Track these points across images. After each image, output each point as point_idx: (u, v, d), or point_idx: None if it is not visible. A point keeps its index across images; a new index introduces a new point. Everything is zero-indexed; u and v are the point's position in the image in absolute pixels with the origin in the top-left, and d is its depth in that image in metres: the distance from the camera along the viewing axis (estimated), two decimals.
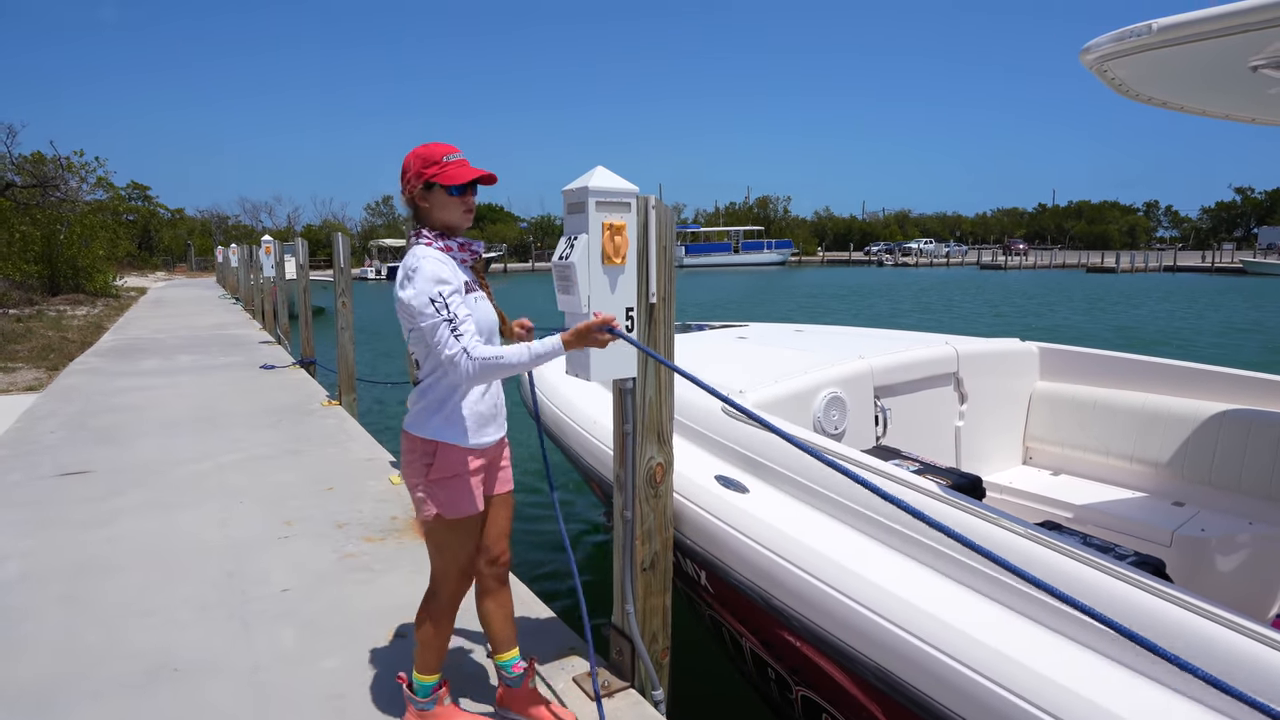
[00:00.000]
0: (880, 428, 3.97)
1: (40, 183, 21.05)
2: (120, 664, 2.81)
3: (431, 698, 2.31)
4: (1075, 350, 4.41)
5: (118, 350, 11.70)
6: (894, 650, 2.02)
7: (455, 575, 2.25)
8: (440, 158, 2.13)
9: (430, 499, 2.16)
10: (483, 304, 2.17)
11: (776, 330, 5.39)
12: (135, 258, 46.64)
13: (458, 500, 2.16)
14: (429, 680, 2.31)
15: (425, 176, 2.12)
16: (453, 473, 2.15)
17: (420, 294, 2.01)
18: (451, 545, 2.22)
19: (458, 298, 2.04)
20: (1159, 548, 3.41)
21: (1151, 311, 24.31)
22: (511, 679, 2.41)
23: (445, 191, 2.13)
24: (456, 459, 2.15)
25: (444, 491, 2.15)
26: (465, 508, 2.18)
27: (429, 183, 2.12)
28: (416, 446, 2.16)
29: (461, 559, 2.24)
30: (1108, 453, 4.09)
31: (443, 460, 2.14)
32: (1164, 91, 2.63)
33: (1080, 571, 1.91)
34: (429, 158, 2.12)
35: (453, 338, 2.00)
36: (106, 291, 24.79)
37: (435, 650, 2.29)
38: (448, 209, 2.15)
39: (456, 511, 2.17)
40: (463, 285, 2.10)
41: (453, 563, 2.23)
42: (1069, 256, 67.48)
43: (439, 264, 2.06)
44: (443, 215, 2.15)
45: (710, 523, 2.62)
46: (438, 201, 2.14)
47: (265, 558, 3.75)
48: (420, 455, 2.15)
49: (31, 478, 5.11)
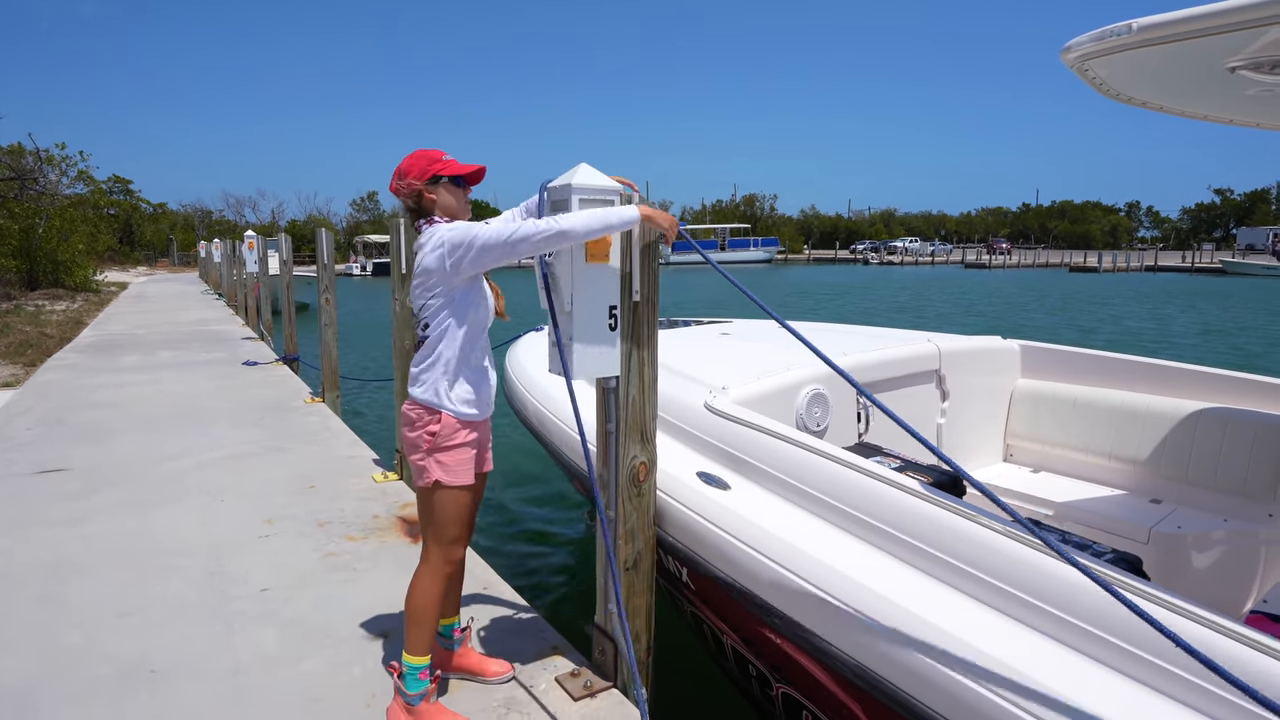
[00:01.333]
0: (863, 425, 3.99)
1: (18, 175, 20.73)
2: (98, 665, 2.77)
3: (420, 691, 2.31)
4: (1056, 348, 4.45)
5: (97, 346, 11.55)
6: (872, 647, 2.03)
7: (448, 542, 2.36)
8: (440, 156, 2.36)
9: (431, 466, 2.28)
10: (479, 284, 2.33)
11: (760, 327, 5.41)
12: (116, 252, 46.07)
13: (457, 468, 2.30)
14: (419, 662, 2.32)
15: (432, 171, 2.32)
16: (455, 441, 2.29)
17: (466, 231, 2.19)
18: (448, 512, 2.33)
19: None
20: (1137, 545, 3.45)
21: (1129, 310, 24.57)
22: (452, 642, 2.60)
23: (452, 182, 2.33)
24: (458, 428, 2.30)
25: (446, 458, 2.28)
26: (464, 476, 2.32)
27: (436, 176, 2.31)
28: (422, 414, 2.29)
29: (456, 526, 2.36)
30: (1087, 450, 4.13)
31: (446, 429, 2.28)
32: (1143, 91, 2.65)
33: (1059, 569, 1.93)
34: (432, 156, 2.35)
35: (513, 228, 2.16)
36: (86, 286, 24.48)
37: (427, 628, 2.34)
38: (458, 200, 2.35)
39: (456, 479, 2.30)
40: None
41: (447, 528, 2.34)
42: (1052, 256, 68.10)
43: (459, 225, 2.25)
44: (448, 206, 2.34)
45: (692, 519, 2.62)
46: (445, 193, 2.33)
47: (246, 557, 3.71)
48: (424, 424, 2.28)
49: (6, 475, 5.03)
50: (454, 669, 2.62)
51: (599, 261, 2.29)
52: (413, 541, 3.87)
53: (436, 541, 2.36)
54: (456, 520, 2.35)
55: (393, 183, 2.37)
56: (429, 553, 2.38)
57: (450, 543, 2.37)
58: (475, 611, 3.10)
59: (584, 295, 2.29)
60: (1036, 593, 1.93)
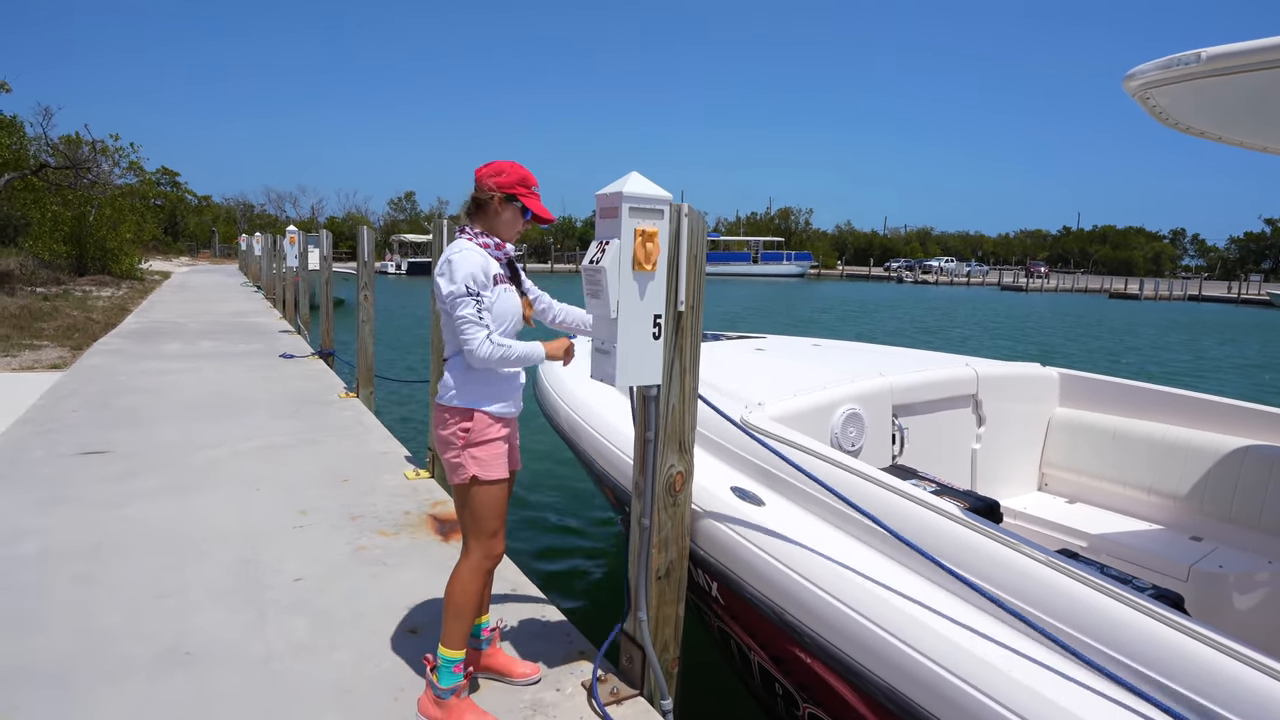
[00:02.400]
0: (897, 446, 3.95)
1: (73, 164, 21.39)
2: (135, 646, 2.83)
3: (453, 685, 2.33)
4: (1096, 378, 4.37)
5: (141, 333, 11.84)
6: (905, 671, 2.00)
7: (487, 536, 2.41)
8: (533, 185, 2.47)
9: (467, 462, 2.36)
10: (509, 295, 2.42)
11: (794, 343, 5.38)
12: (160, 242, 47.26)
13: (492, 462, 2.37)
14: (454, 655, 2.35)
15: (516, 193, 2.42)
16: (487, 437, 2.37)
17: (456, 285, 2.28)
18: (485, 506, 2.39)
19: (486, 292, 2.33)
20: (1176, 582, 3.36)
21: (1167, 340, 24.02)
22: (481, 641, 2.62)
23: (521, 213, 2.45)
24: (490, 424, 2.38)
25: (480, 453, 2.36)
26: (498, 470, 2.39)
27: (513, 197, 2.42)
28: (455, 414, 2.38)
29: (495, 520, 2.42)
30: (1125, 483, 4.05)
31: (479, 425, 2.36)
32: (1205, 121, 2.60)
33: (1099, 601, 1.89)
34: (528, 180, 2.45)
35: (474, 327, 2.27)
36: (131, 274, 25.15)
37: (466, 621, 2.39)
38: (513, 226, 2.46)
39: (490, 473, 2.37)
40: (493, 277, 2.36)
41: (488, 522, 2.40)
42: (1091, 281, 66.88)
43: (475, 256, 2.33)
44: (504, 227, 2.45)
45: (725, 534, 2.62)
46: (509, 215, 2.43)
47: (280, 546, 3.77)
48: (457, 422, 2.37)
49: (52, 455, 5.18)
50: (482, 668, 2.63)
51: (645, 270, 2.30)
52: (443, 540, 3.91)
53: (476, 536, 2.42)
54: (495, 514, 2.41)
55: (484, 170, 2.45)
56: (470, 548, 2.44)
57: (490, 536, 2.42)
58: (504, 613, 3.12)
59: (629, 303, 2.30)
60: (1075, 623, 1.90)
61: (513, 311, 2.44)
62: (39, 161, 20.15)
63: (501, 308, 2.38)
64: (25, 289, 17.08)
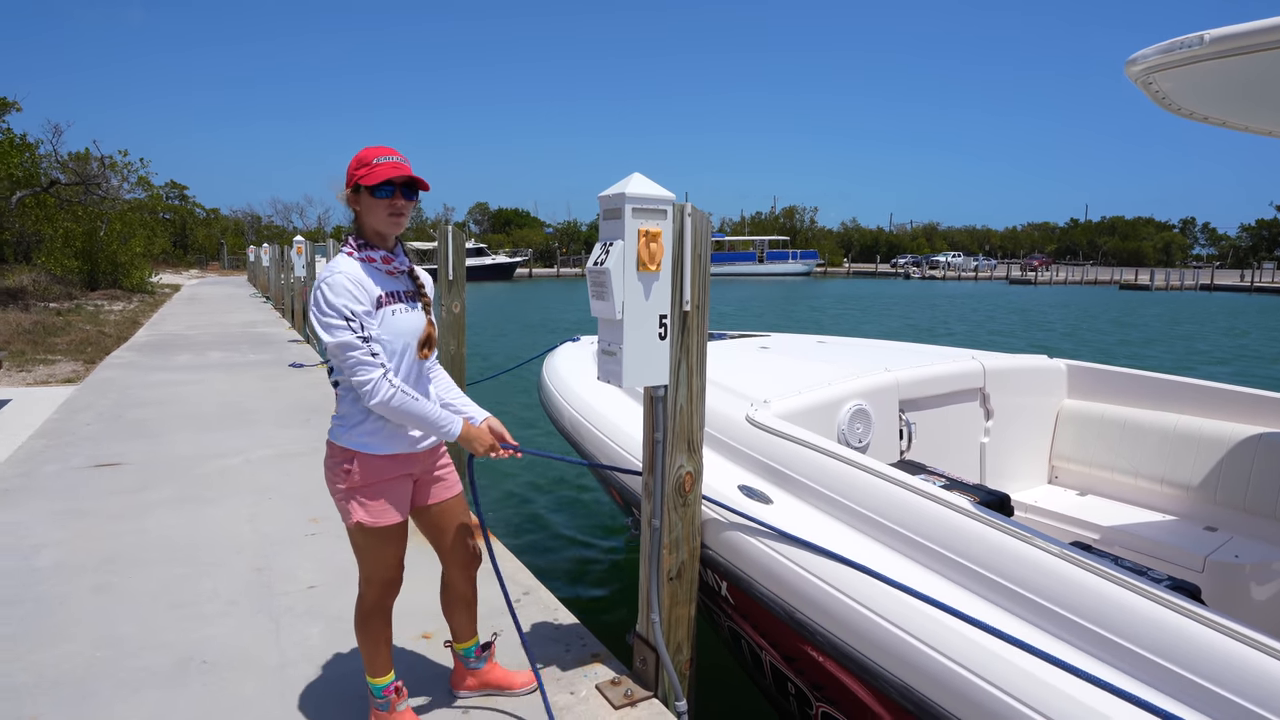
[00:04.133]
0: (905, 442, 3.93)
1: (83, 180, 21.59)
2: (152, 655, 2.86)
3: (385, 699, 2.34)
4: (1104, 369, 4.34)
5: (152, 345, 11.93)
6: (919, 667, 2.00)
7: (379, 582, 2.24)
8: (371, 159, 2.05)
9: (352, 508, 2.13)
10: (400, 317, 2.11)
11: (799, 341, 5.37)
12: (170, 255, 47.60)
13: (378, 509, 2.14)
14: (380, 682, 2.33)
15: (354, 179, 2.07)
16: (372, 481, 2.13)
17: (328, 315, 1.98)
18: (373, 552, 2.20)
19: (366, 313, 2.01)
20: (1191, 573, 3.33)
21: (1181, 331, 23.84)
22: (474, 661, 2.55)
23: (369, 193, 2.06)
24: (377, 467, 2.13)
25: (367, 499, 2.13)
26: (387, 516, 2.16)
27: (357, 185, 2.06)
28: (336, 454, 2.14)
29: (385, 567, 2.23)
30: (1137, 474, 4.02)
31: (363, 469, 2.11)
32: (1210, 106, 2.58)
33: (1115, 593, 1.88)
34: (361, 159, 2.07)
35: (366, 367, 1.99)
36: (142, 288, 25.34)
37: (372, 656, 2.31)
38: (373, 213, 2.08)
39: (378, 520, 2.15)
40: (374, 300, 2.05)
41: (375, 570, 2.22)
42: (1102, 273, 66.43)
43: (342, 277, 2.01)
44: (370, 220, 2.09)
45: (733, 533, 2.61)
46: (365, 205, 2.08)
47: (292, 554, 3.79)
48: (340, 463, 2.13)
49: (67, 468, 5.22)
50: (481, 686, 2.59)
51: (649, 271, 2.30)
52: None
53: (368, 581, 2.24)
54: (388, 563, 2.23)
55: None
56: (362, 592, 2.27)
57: (383, 584, 2.24)
58: (519, 616, 3.12)
59: (634, 304, 2.30)
60: (1091, 616, 1.89)
61: (404, 334, 2.11)
62: (50, 178, 20.35)
63: (388, 331, 2.07)
64: (39, 304, 17.24)
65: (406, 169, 2.06)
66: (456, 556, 2.42)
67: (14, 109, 19.97)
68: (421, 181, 2.10)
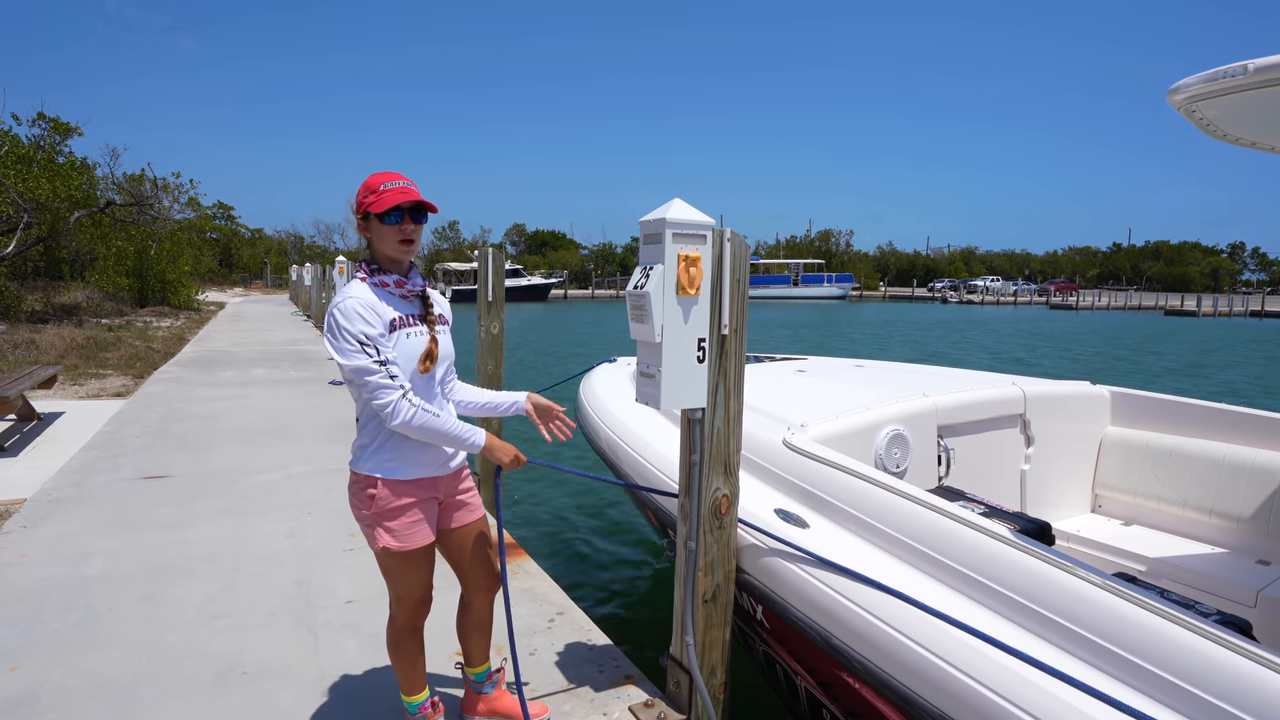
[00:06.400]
0: (943, 468, 3.88)
1: (137, 201, 22.38)
2: (196, 664, 2.93)
3: (421, 716, 2.37)
4: (1150, 396, 4.25)
5: (198, 361, 12.26)
6: (959, 697, 1.97)
7: (410, 604, 2.28)
8: (378, 186, 2.08)
9: (378, 534, 2.16)
10: (414, 340, 2.13)
11: (836, 365, 5.34)
12: (216, 273, 48.97)
13: (406, 532, 2.17)
14: (415, 699, 2.37)
15: (363, 206, 2.10)
16: (397, 505, 2.15)
17: (345, 342, 2.01)
18: (402, 575, 2.23)
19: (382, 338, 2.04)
20: (1243, 608, 3.23)
21: (1232, 358, 23.13)
22: (484, 686, 2.55)
23: (379, 220, 2.09)
24: (400, 491, 2.16)
25: (393, 524, 2.15)
26: (416, 539, 2.18)
27: (366, 213, 2.10)
28: (360, 481, 2.17)
29: (414, 588, 2.25)
30: (1184, 504, 3.91)
31: (386, 494, 2.14)
32: (1256, 133, 2.55)
33: (1161, 626, 1.84)
34: (368, 186, 2.10)
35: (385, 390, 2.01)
36: (189, 305, 26.10)
37: (407, 674, 2.35)
38: (384, 239, 2.10)
39: (407, 543, 2.17)
40: (388, 323, 2.07)
41: (405, 592, 2.25)
42: (1145, 298, 64.93)
43: (354, 303, 2.03)
44: (381, 246, 2.12)
45: (769, 557, 2.60)
46: (376, 232, 2.11)
47: (331, 569, 3.86)
48: (364, 489, 2.16)
49: (116, 479, 5.38)
50: (490, 713, 2.56)
51: (688, 295, 2.33)
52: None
53: (399, 603, 2.28)
54: (417, 584, 2.25)
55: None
56: (393, 613, 2.31)
57: (414, 605, 2.28)
58: (550, 637, 3.14)
59: (674, 327, 2.33)
60: (1136, 650, 1.85)
61: (417, 357, 2.13)
62: (106, 199, 21.14)
63: (402, 355, 2.09)
64: (91, 320, 17.84)
65: (414, 194, 2.09)
66: (478, 580, 2.44)
67: (76, 134, 20.84)
68: (430, 205, 2.13)
